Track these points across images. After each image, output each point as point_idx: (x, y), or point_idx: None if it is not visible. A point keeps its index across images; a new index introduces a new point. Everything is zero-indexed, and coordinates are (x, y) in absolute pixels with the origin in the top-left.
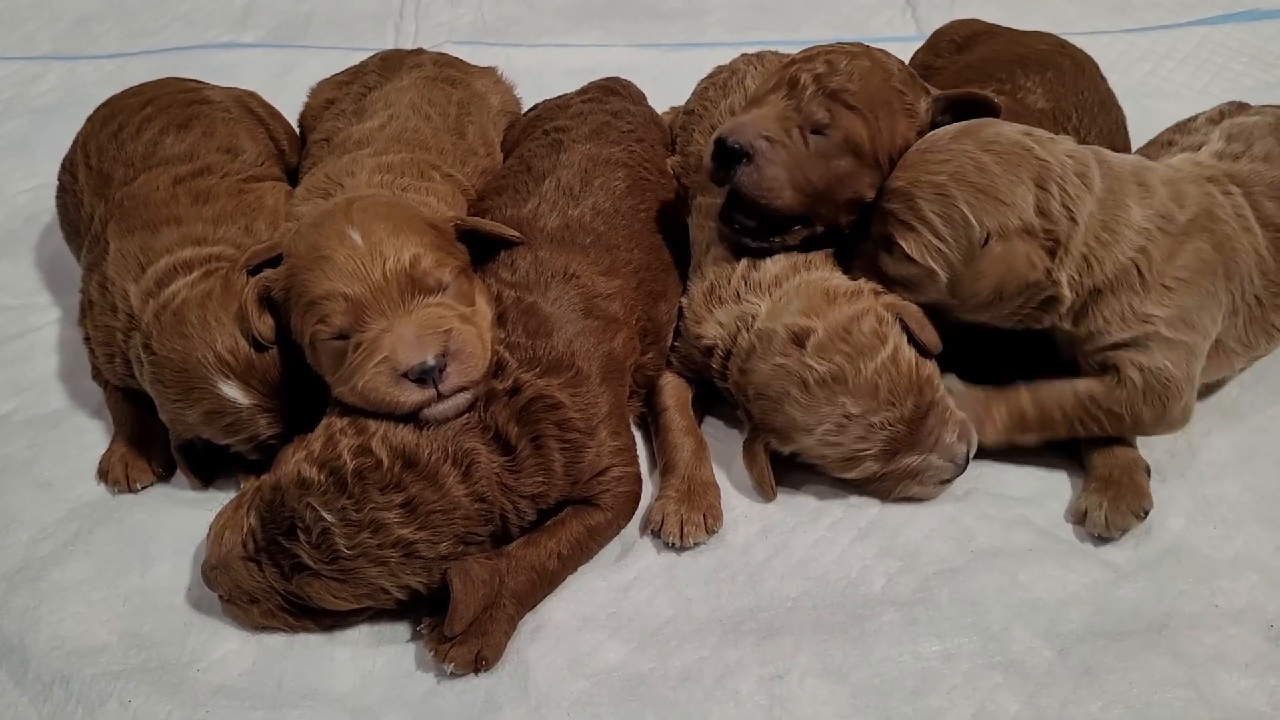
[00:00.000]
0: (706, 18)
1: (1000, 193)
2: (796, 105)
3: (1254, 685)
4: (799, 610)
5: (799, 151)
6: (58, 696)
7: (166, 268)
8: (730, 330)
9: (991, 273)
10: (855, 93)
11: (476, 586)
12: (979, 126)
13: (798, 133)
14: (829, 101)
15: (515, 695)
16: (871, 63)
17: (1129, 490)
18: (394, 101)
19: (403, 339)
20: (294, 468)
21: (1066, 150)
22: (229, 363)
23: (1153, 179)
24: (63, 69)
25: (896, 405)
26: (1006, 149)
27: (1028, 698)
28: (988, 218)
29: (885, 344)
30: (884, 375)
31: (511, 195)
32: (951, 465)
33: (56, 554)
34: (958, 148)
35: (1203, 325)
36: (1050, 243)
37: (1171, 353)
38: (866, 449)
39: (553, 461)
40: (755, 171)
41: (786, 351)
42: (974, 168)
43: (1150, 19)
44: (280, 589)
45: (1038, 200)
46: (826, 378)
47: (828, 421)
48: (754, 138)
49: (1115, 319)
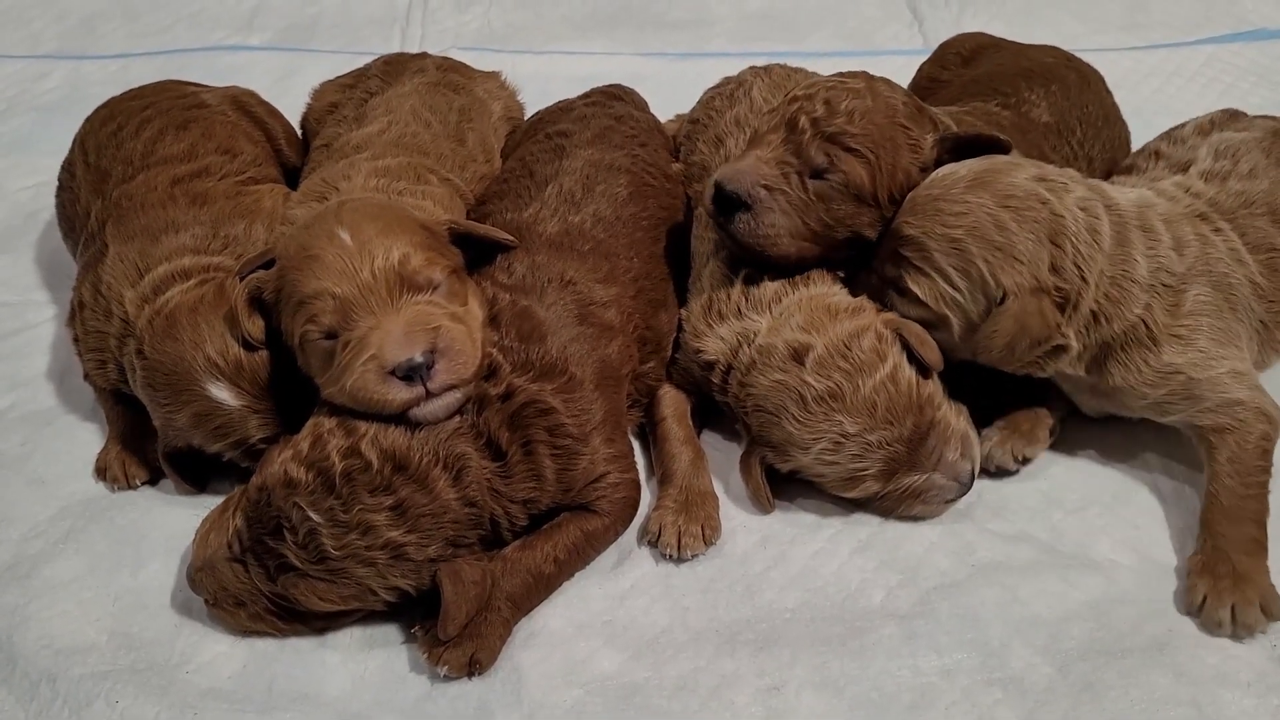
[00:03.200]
0: (713, 28)
1: (1018, 252)
2: (795, 149)
3: (1257, 705)
4: (797, 622)
5: (798, 199)
6: (44, 695)
7: (165, 275)
8: (731, 345)
9: (1006, 329)
10: (856, 135)
11: (467, 588)
12: (993, 175)
13: (796, 179)
14: (828, 145)
15: (508, 702)
16: (874, 100)
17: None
18: (394, 107)
19: (390, 336)
20: (280, 468)
21: (1078, 200)
22: (218, 365)
23: (1155, 222)
24: (67, 68)
25: (895, 424)
26: (1023, 204)
27: (1027, 714)
28: (1005, 276)
29: (884, 362)
30: (882, 393)
31: (513, 199)
32: (955, 484)
33: (47, 552)
34: (974, 200)
35: (1231, 353)
36: (1061, 299)
37: (1219, 386)
38: (864, 468)
39: (544, 467)
40: (753, 219)
41: (786, 367)
42: (992, 225)
43: (1157, 37)
44: (266, 590)
45: (1053, 258)
46: (824, 395)
47: (824, 439)
48: (751, 186)
49: (1134, 372)
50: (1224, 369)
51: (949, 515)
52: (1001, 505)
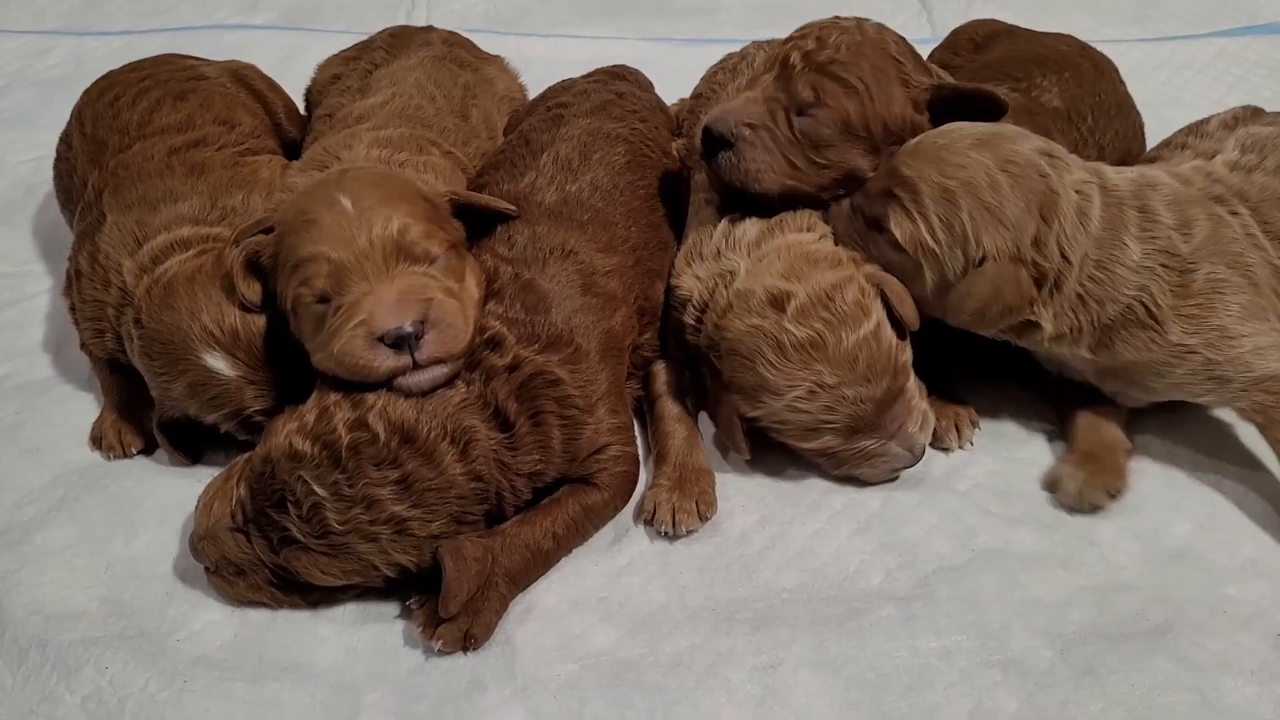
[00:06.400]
0: (718, 15)
1: (1005, 216)
2: (785, 85)
3: (1260, 692)
4: (794, 602)
5: (783, 136)
6: (34, 661)
7: (164, 245)
8: (708, 285)
9: (980, 293)
10: (844, 63)
11: (469, 565)
12: (1000, 139)
13: (783, 115)
14: (816, 77)
15: (501, 676)
16: (864, 35)
17: (1108, 469)
18: (399, 80)
19: (382, 302)
20: (285, 439)
21: (1075, 182)
22: (214, 334)
23: (1157, 202)
24: (71, 44)
25: (871, 382)
26: (1023, 171)
27: (1026, 696)
28: (987, 237)
29: (869, 317)
30: (864, 349)
31: (509, 170)
32: (908, 455)
33: (41, 519)
34: (976, 157)
35: (1255, 327)
36: (1038, 275)
37: (1241, 364)
38: (831, 421)
39: (551, 439)
40: (734, 156)
41: (764, 313)
42: (987, 183)
43: (1168, 29)
44: (268, 561)
45: (1038, 231)
46: (804, 343)
47: (800, 387)
48: (735, 125)
49: (1143, 350)
50: (1246, 347)
51: (950, 498)
52: (1003, 489)
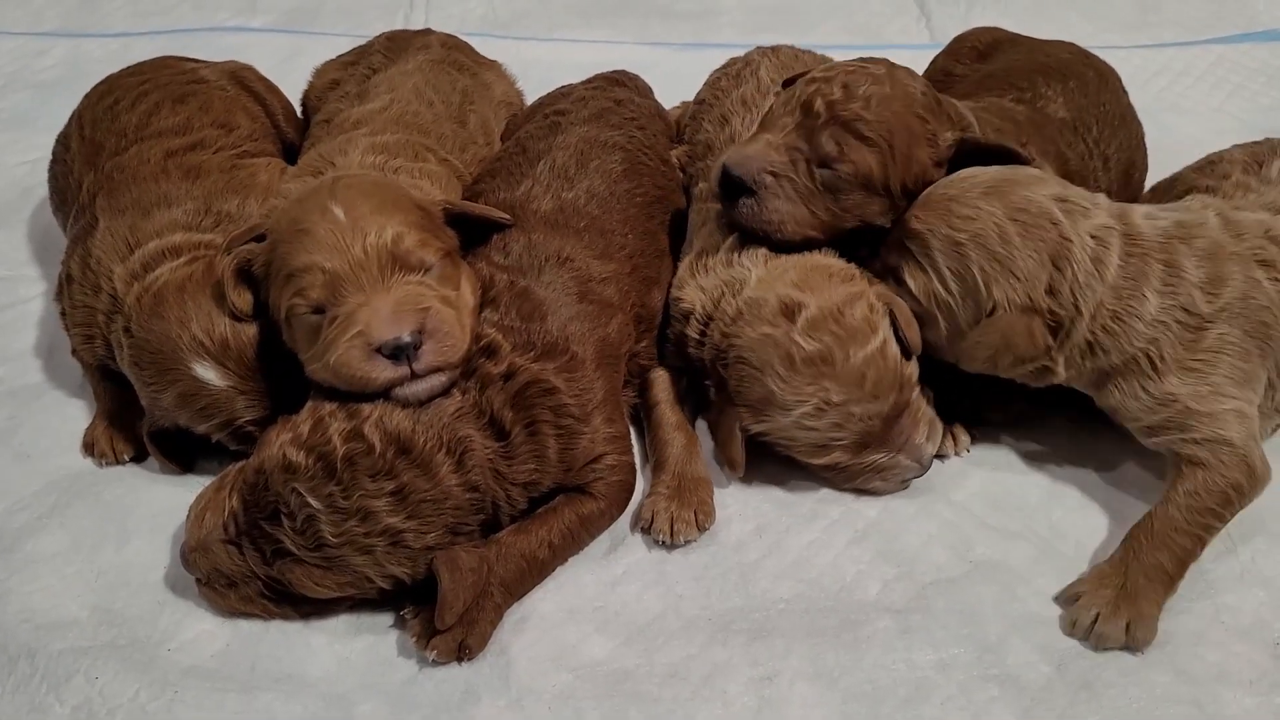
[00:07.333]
0: (719, 19)
1: (1016, 267)
2: (806, 135)
3: (1258, 703)
4: (791, 612)
5: (804, 187)
6: (23, 670)
7: (155, 251)
8: (713, 295)
9: (990, 342)
10: (870, 121)
11: (465, 576)
12: (1011, 186)
13: (804, 166)
14: (840, 132)
15: (495, 686)
16: (893, 87)
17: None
18: (397, 85)
19: (378, 313)
20: (279, 450)
21: (1094, 227)
22: (204, 343)
23: (1184, 257)
24: (68, 45)
25: (879, 399)
26: (1033, 220)
27: (1023, 711)
28: (997, 289)
29: (876, 334)
30: (872, 366)
31: (505, 177)
32: (917, 466)
33: (31, 526)
34: (985, 207)
35: (1244, 395)
36: (1054, 323)
37: (1216, 421)
38: (839, 439)
39: (547, 448)
40: (757, 205)
41: (776, 322)
42: (996, 235)
43: (1167, 36)
44: (261, 574)
45: (1051, 280)
46: (814, 357)
47: (808, 404)
48: (757, 172)
49: (1131, 398)
50: (1229, 406)
51: (948, 510)
52: (1001, 501)
